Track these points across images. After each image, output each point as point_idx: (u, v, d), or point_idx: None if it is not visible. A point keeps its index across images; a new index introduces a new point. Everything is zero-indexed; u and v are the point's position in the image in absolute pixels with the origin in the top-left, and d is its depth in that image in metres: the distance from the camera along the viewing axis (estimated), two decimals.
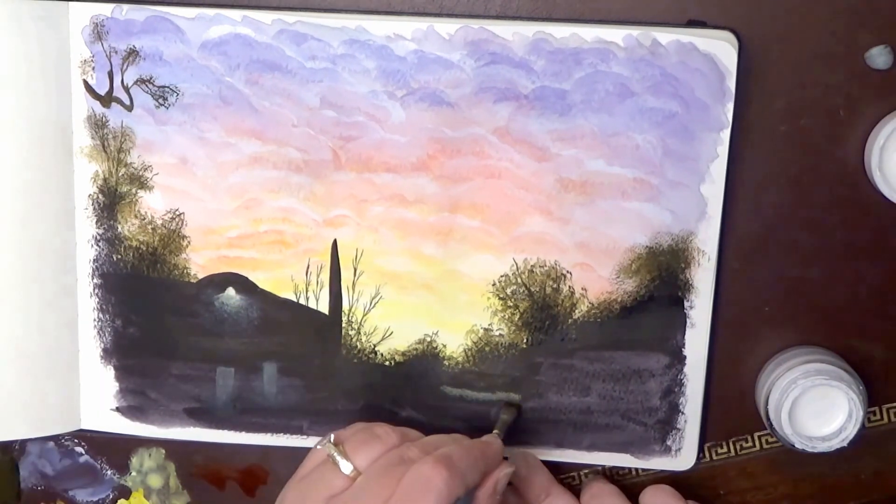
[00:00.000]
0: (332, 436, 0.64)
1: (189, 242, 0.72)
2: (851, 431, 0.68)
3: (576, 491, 0.71)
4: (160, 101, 0.70)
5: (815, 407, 0.68)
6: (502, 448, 0.67)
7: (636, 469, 0.74)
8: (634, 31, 0.67)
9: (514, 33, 0.67)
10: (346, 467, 0.62)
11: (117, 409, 0.75)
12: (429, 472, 0.60)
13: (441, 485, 0.59)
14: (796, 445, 0.68)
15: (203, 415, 0.74)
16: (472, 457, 0.63)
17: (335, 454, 0.62)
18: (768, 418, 0.69)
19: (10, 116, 0.70)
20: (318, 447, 0.64)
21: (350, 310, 0.72)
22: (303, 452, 0.66)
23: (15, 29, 0.69)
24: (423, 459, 0.61)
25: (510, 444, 0.72)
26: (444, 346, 0.72)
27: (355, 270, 0.72)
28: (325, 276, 0.72)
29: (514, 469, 0.67)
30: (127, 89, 0.70)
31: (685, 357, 0.71)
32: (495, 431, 0.69)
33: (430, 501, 0.59)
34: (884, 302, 0.71)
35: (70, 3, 0.69)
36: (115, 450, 0.77)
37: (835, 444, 0.68)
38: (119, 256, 0.73)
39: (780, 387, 0.68)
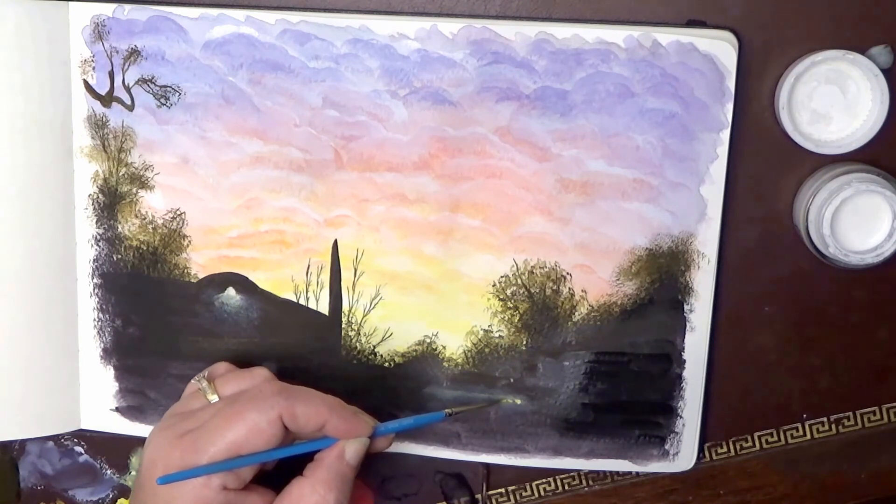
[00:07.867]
0: (207, 371, 0.66)
1: (190, 242, 0.72)
2: (888, 248, 0.66)
3: (576, 491, 0.70)
4: (162, 100, 0.70)
5: (856, 219, 0.66)
6: (368, 426, 0.64)
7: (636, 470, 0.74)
8: (635, 32, 0.67)
9: (516, 33, 0.67)
10: (213, 398, 0.64)
11: (117, 409, 0.74)
12: (266, 388, 0.62)
13: (266, 404, 0.60)
14: (830, 250, 0.66)
15: None
16: (316, 402, 0.63)
17: (205, 387, 0.64)
18: (807, 220, 0.66)
19: (10, 116, 0.70)
20: (193, 381, 0.66)
21: (350, 310, 0.72)
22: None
23: (15, 29, 0.69)
24: (272, 384, 0.63)
25: (509, 440, 0.72)
26: (444, 347, 0.72)
27: (355, 271, 0.71)
28: (326, 277, 0.72)
29: (369, 442, 0.64)
30: (128, 89, 0.70)
31: (684, 361, 0.71)
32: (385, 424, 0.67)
33: (254, 410, 0.60)
34: (884, 303, 0.71)
35: (70, 3, 0.70)
36: (114, 449, 0.76)
37: (868, 259, 0.66)
38: (119, 256, 0.72)
39: (829, 188, 0.65)
